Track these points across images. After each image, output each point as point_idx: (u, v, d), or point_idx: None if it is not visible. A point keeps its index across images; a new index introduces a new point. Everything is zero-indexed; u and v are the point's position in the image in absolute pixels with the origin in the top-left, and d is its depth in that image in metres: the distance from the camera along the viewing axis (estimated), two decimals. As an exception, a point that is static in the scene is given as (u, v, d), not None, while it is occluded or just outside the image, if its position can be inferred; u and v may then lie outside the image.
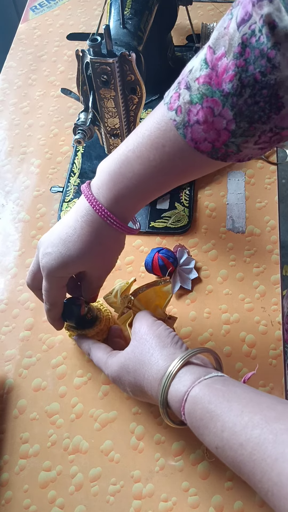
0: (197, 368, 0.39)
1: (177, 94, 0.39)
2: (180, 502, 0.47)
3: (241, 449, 0.32)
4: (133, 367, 0.42)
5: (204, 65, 0.36)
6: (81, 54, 0.51)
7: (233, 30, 0.34)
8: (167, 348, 0.41)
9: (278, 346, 0.54)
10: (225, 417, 0.34)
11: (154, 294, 0.51)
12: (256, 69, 0.33)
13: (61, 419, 0.52)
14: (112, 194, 0.42)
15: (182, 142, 0.39)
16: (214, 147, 0.38)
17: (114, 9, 0.57)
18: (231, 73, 0.34)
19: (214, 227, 0.64)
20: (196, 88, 0.37)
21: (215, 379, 0.37)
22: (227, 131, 0.37)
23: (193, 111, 0.37)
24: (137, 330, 0.44)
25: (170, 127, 0.39)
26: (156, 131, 0.40)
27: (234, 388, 0.36)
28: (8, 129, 0.77)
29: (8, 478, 0.49)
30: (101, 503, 0.47)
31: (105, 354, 0.47)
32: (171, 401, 0.38)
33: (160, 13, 0.64)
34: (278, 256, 0.61)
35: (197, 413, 0.36)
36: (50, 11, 0.92)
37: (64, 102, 0.79)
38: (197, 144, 0.38)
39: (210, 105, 0.36)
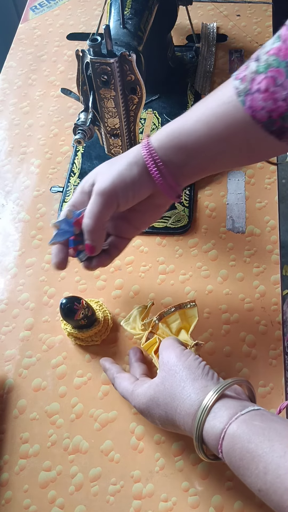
0: (232, 401, 0.37)
1: (245, 66, 0.40)
2: (180, 502, 0.47)
3: (287, 494, 0.31)
4: (164, 400, 0.41)
5: (277, 39, 0.37)
6: (81, 54, 0.51)
7: None
8: (199, 381, 0.39)
9: (278, 346, 0.55)
10: (267, 459, 0.32)
11: (179, 317, 0.50)
12: None
13: (61, 419, 0.52)
14: (162, 138, 0.43)
15: (241, 108, 0.39)
16: (270, 117, 0.38)
17: (114, 9, 0.57)
18: None
19: (214, 227, 0.64)
20: (264, 59, 0.38)
21: (252, 414, 0.36)
22: (285, 103, 0.37)
23: (257, 79, 0.38)
24: (165, 361, 0.42)
25: (232, 95, 0.40)
26: (218, 100, 0.41)
27: (273, 425, 0.34)
28: (8, 129, 0.77)
29: (8, 478, 0.49)
30: (101, 503, 0.47)
31: (131, 384, 0.46)
32: (206, 438, 0.37)
33: (160, 13, 0.64)
34: (278, 256, 0.61)
35: (236, 452, 0.34)
36: (50, 11, 0.92)
37: (64, 102, 0.79)
38: (254, 112, 0.39)
39: (274, 74, 0.37)
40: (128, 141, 0.58)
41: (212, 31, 0.83)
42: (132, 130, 0.57)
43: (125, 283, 0.60)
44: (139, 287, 0.60)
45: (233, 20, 0.85)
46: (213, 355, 0.55)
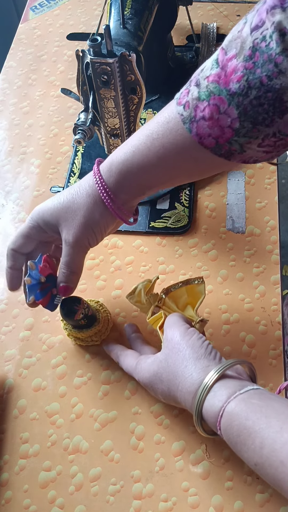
0: (232, 381, 0.38)
1: (187, 90, 0.41)
2: (180, 502, 0.47)
3: (282, 467, 0.32)
4: (167, 377, 0.42)
5: (215, 64, 0.38)
6: (81, 54, 0.51)
7: (246, 34, 0.35)
8: (201, 360, 0.40)
9: (278, 346, 0.55)
10: (263, 434, 0.33)
11: (186, 293, 0.50)
12: (263, 72, 0.35)
13: (61, 419, 0.52)
14: (115, 175, 0.44)
15: (187, 136, 0.40)
16: (217, 143, 0.39)
17: (114, 9, 0.57)
18: (239, 74, 0.36)
19: (214, 227, 0.64)
20: (205, 85, 0.38)
21: (251, 393, 0.37)
22: (231, 129, 0.38)
23: (200, 107, 0.39)
24: (169, 339, 0.43)
25: (178, 121, 0.41)
26: (165, 124, 0.42)
27: (271, 403, 0.35)
28: (8, 129, 0.77)
29: (8, 478, 0.49)
30: (101, 503, 0.47)
31: (134, 360, 0.47)
32: (206, 416, 0.38)
33: (160, 13, 0.64)
34: (278, 256, 0.61)
35: (234, 429, 0.35)
36: (50, 11, 0.92)
37: (64, 102, 0.79)
38: (201, 139, 0.40)
39: (217, 102, 0.38)
40: (128, 141, 0.58)
41: (212, 31, 0.83)
42: (132, 130, 0.57)
43: (125, 283, 0.60)
44: (139, 287, 0.60)
45: (233, 20, 0.85)
46: (213, 355, 0.55)
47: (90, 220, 0.45)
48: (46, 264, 0.47)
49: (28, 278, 0.46)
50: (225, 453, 0.48)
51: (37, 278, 0.46)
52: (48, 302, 0.48)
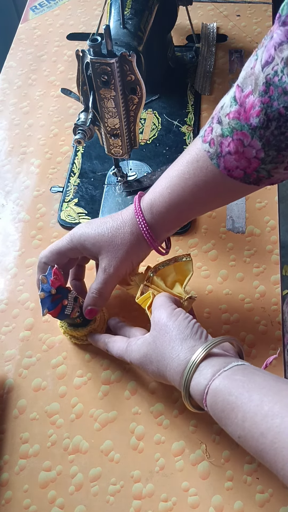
0: (217, 359, 0.40)
1: (210, 128, 0.43)
2: (180, 502, 0.47)
3: (262, 438, 0.33)
4: (156, 358, 0.43)
5: (233, 102, 0.40)
6: (81, 54, 0.51)
7: (258, 70, 0.37)
8: (188, 340, 0.42)
9: (278, 346, 0.55)
10: (245, 408, 0.35)
11: (174, 270, 0.51)
12: (280, 104, 0.37)
13: (61, 419, 0.52)
14: (156, 216, 0.47)
15: (216, 171, 0.43)
16: (246, 173, 0.42)
17: (114, 9, 0.57)
18: (257, 108, 0.38)
19: (214, 227, 0.64)
20: (227, 122, 0.41)
21: (235, 369, 0.38)
22: (257, 159, 0.41)
23: (225, 143, 0.41)
24: (157, 320, 0.44)
25: (205, 157, 0.43)
26: (194, 163, 0.44)
27: (254, 377, 0.37)
28: (8, 129, 0.77)
29: (8, 478, 0.49)
30: (101, 503, 0.47)
31: (124, 343, 0.48)
32: (193, 393, 0.40)
33: (160, 13, 0.64)
34: (278, 256, 0.61)
35: (218, 405, 0.37)
36: (50, 11, 0.92)
37: (64, 102, 0.79)
38: (230, 172, 0.42)
39: (240, 137, 0.40)
40: (128, 141, 0.58)
41: (212, 31, 0.83)
42: (132, 130, 0.57)
43: (125, 283, 0.60)
44: (139, 287, 0.60)
45: (233, 20, 0.85)
46: (213, 355, 0.55)
47: (133, 255, 0.49)
48: (56, 277, 0.48)
49: (42, 293, 0.47)
50: (225, 453, 0.48)
51: (49, 291, 0.47)
52: (59, 312, 0.49)
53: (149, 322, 0.47)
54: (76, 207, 0.67)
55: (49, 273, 0.48)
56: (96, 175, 0.70)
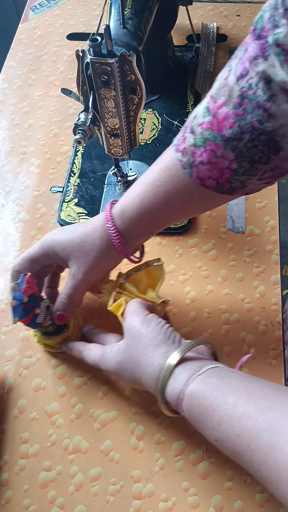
0: (192, 363, 0.40)
1: (183, 137, 0.42)
2: (180, 502, 0.47)
3: (238, 440, 0.33)
4: (130, 365, 0.43)
5: (206, 112, 0.40)
6: (81, 54, 0.51)
7: (232, 82, 0.37)
8: (161, 346, 0.42)
9: (278, 346, 0.55)
10: (221, 411, 0.35)
11: (146, 275, 0.51)
12: (254, 118, 0.37)
13: (61, 419, 0.52)
14: (126, 222, 0.47)
15: (189, 180, 0.43)
16: (218, 183, 0.42)
17: (114, 9, 0.57)
18: (231, 120, 0.38)
19: (214, 227, 0.64)
20: (200, 132, 0.40)
21: (210, 372, 0.38)
22: (229, 170, 0.40)
23: (197, 153, 0.41)
24: (130, 328, 0.44)
25: (178, 167, 0.43)
26: (166, 171, 0.44)
27: (228, 379, 0.37)
28: (8, 129, 0.77)
29: (8, 478, 0.49)
30: (101, 503, 0.47)
31: (99, 351, 0.48)
32: (169, 399, 0.40)
33: (160, 13, 0.64)
34: (278, 256, 0.61)
35: (194, 409, 0.37)
36: (50, 11, 0.92)
37: (64, 102, 0.79)
38: (202, 181, 0.42)
39: (213, 148, 0.40)
40: (128, 141, 0.58)
41: (212, 31, 0.83)
42: (132, 130, 0.57)
43: (125, 283, 0.60)
44: (139, 287, 0.60)
45: (233, 20, 0.85)
46: (213, 355, 0.55)
47: (102, 262, 0.49)
48: (29, 285, 0.48)
49: (13, 301, 0.47)
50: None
51: (21, 299, 0.47)
52: (30, 321, 0.49)
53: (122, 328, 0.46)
54: (76, 207, 0.67)
55: (22, 281, 0.47)
56: (96, 175, 0.70)
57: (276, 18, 0.34)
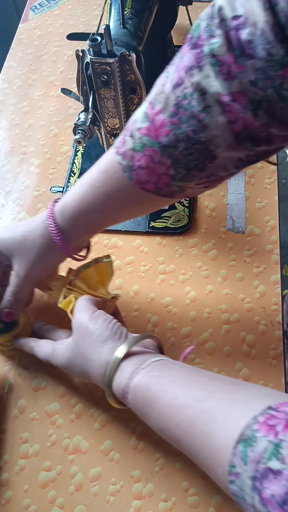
0: (137, 358, 0.42)
1: (123, 140, 0.42)
2: (180, 502, 0.47)
3: (177, 429, 0.36)
4: (79, 361, 0.45)
5: (144, 118, 0.40)
6: (81, 54, 0.51)
7: (169, 91, 0.37)
8: (108, 342, 0.43)
9: (278, 346, 0.55)
10: (161, 402, 0.37)
11: (95, 272, 0.51)
12: (188, 127, 0.37)
13: (61, 419, 0.52)
14: (67, 220, 0.47)
15: (129, 182, 0.43)
16: (157, 187, 0.42)
17: (114, 9, 0.57)
18: (167, 128, 0.38)
19: (214, 227, 0.64)
20: (138, 137, 0.40)
21: (153, 365, 0.40)
22: (167, 176, 0.41)
23: (136, 157, 0.41)
24: (78, 324, 0.45)
25: (118, 169, 0.43)
26: (105, 173, 0.44)
27: (169, 372, 0.39)
28: (8, 129, 0.77)
29: (8, 478, 0.49)
30: (101, 503, 0.47)
31: (50, 347, 0.49)
32: (115, 392, 0.42)
33: (160, 13, 0.64)
34: (278, 256, 0.61)
35: (138, 402, 0.39)
36: (50, 11, 0.92)
37: (64, 102, 0.79)
38: (142, 185, 0.42)
39: (150, 153, 0.40)
40: (128, 141, 0.57)
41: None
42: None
43: (125, 283, 0.60)
44: (139, 287, 0.60)
45: (233, 20, 0.85)
46: (213, 355, 0.55)
47: (43, 259, 0.49)
48: None
49: None
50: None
51: None
52: None
53: None
54: (76, 207, 0.67)
55: None
56: (96, 175, 0.70)
57: (212, 27, 0.33)
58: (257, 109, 0.34)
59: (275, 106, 0.33)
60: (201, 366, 0.54)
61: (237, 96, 0.34)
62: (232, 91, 0.34)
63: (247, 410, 0.31)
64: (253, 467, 0.28)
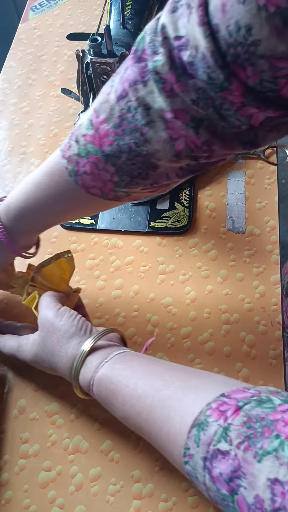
0: (101, 352, 0.44)
1: (69, 144, 0.42)
2: (180, 502, 0.47)
3: (138, 417, 0.38)
4: (46, 357, 0.46)
5: (89, 125, 0.40)
6: (81, 54, 0.51)
7: (113, 101, 0.37)
8: (73, 338, 0.45)
9: (278, 346, 0.55)
10: (124, 393, 0.40)
11: (57, 267, 0.52)
12: (131, 140, 0.37)
13: (61, 419, 0.52)
14: (11, 219, 0.47)
15: (75, 187, 0.43)
16: (103, 192, 0.43)
17: (114, 9, 0.57)
18: (111, 138, 0.38)
19: (214, 227, 0.64)
20: (83, 144, 0.41)
21: (116, 358, 0.42)
22: (111, 182, 0.41)
23: (81, 163, 0.41)
24: (44, 321, 0.47)
25: (63, 173, 0.43)
26: (50, 176, 0.44)
27: (131, 363, 0.42)
28: (8, 129, 0.77)
29: (8, 478, 0.49)
30: (101, 503, 0.47)
31: (15, 342, 0.50)
32: (82, 385, 0.44)
33: (160, 13, 0.64)
34: (278, 256, 0.61)
35: (102, 393, 0.42)
36: (50, 11, 0.92)
37: (64, 102, 0.79)
38: (88, 189, 0.43)
39: (94, 161, 0.40)
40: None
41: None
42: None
43: (125, 283, 0.60)
44: (139, 287, 0.60)
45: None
46: (213, 355, 0.55)
47: None
48: None
49: None
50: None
51: None
52: None
53: (36, 320, 0.48)
54: (76, 207, 0.67)
55: None
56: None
57: (155, 43, 0.33)
58: (198, 127, 0.35)
59: (215, 125, 0.34)
60: (201, 366, 0.54)
61: (179, 114, 0.34)
62: (175, 109, 0.34)
63: (201, 398, 0.34)
64: (205, 449, 0.30)
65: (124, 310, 0.58)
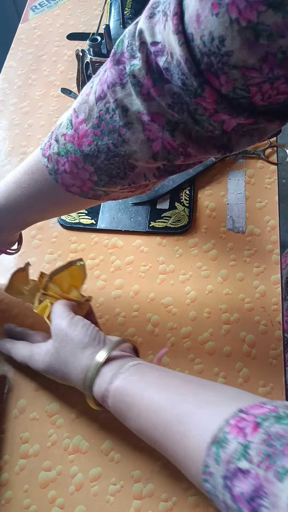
0: (115, 362, 0.43)
1: (49, 143, 0.43)
2: (180, 502, 0.47)
3: (154, 431, 0.38)
4: (59, 367, 0.46)
5: (69, 125, 0.40)
6: (81, 54, 0.51)
7: (92, 102, 0.38)
8: (88, 348, 0.44)
9: (278, 346, 0.55)
10: (139, 406, 0.39)
11: (69, 275, 0.52)
12: (109, 140, 0.38)
13: (61, 419, 0.52)
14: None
15: (55, 185, 0.44)
16: (82, 191, 0.43)
17: (114, 9, 0.57)
18: (90, 138, 0.39)
19: (214, 227, 0.64)
20: (63, 143, 0.41)
21: (131, 370, 0.42)
22: (90, 181, 0.42)
23: (61, 161, 0.42)
24: (57, 331, 0.46)
25: (43, 172, 0.44)
26: (30, 175, 0.45)
27: (145, 376, 0.41)
28: (8, 129, 0.77)
29: (8, 478, 0.49)
30: (101, 503, 0.47)
31: (27, 351, 0.50)
32: (96, 396, 0.43)
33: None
34: (278, 256, 0.61)
35: (117, 405, 0.41)
36: (50, 11, 0.92)
37: (64, 102, 0.79)
38: (67, 188, 0.43)
39: (74, 160, 0.41)
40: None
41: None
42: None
43: (125, 283, 0.60)
44: (139, 287, 0.60)
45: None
46: (213, 355, 0.55)
47: None
48: None
49: None
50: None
51: None
52: None
53: (48, 328, 0.48)
54: (76, 207, 0.67)
55: None
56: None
57: (133, 47, 0.34)
58: (174, 130, 0.35)
59: (190, 129, 0.35)
60: (201, 366, 0.54)
61: (155, 117, 0.35)
62: (151, 112, 0.35)
63: (219, 413, 0.33)
64: (225, 467, 0.30)
65: (124, 310, 0.58)
